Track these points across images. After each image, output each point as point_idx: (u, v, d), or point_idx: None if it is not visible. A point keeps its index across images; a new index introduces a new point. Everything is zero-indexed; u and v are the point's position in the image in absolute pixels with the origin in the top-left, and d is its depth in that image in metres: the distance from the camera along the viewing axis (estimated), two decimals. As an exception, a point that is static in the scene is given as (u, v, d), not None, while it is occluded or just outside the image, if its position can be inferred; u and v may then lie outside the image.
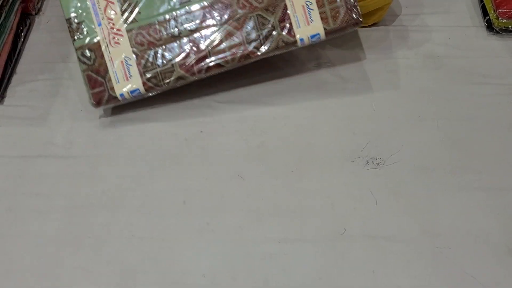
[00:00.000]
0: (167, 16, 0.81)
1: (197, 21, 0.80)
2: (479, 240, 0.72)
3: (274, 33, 0.79)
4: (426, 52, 0.93)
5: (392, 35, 0.96)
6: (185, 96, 0.89)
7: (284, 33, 0.79)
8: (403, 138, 0.82)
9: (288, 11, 0.79)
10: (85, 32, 0.82)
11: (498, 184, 0.77)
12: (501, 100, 0.86)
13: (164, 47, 0.81)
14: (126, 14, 0.81)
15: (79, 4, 0.83)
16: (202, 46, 0.80)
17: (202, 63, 0.80)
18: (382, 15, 0.94)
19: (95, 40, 0.82)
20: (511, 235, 0.72)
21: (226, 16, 0.80)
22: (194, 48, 0.80)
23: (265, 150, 0.82)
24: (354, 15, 0.79)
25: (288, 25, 0.79)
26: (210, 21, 0.80)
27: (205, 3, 0.80)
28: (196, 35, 0.80)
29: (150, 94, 0.83)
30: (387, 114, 0.85)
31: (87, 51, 0.82)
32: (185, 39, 0.81)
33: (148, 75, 0.81)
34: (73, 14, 0.82)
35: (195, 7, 0.81)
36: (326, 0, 0.79)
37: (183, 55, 0.81)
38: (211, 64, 0.80)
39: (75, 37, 0.83)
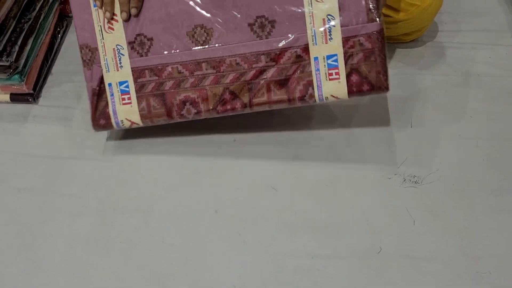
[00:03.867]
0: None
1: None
2: (521, 267, 0.69)
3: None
4: (466, 70, 0.91)
5: (431, 52, 0.94)
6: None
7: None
8: (442, 157, 0.80)
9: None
10: None
11: (541, 209, 0.74)
12: (544, 122, 0.84)
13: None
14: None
15: None
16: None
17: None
18: (422, 32, 0.93)
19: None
20: (554, 263, 0.69)
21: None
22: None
23: (299, 162, 0.80)
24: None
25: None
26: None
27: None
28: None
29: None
30: (425, 132, 0.83)
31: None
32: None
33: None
34: None
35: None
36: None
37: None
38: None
39: None
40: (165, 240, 0.73)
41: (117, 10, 0.75)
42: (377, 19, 0.69)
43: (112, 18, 0.75)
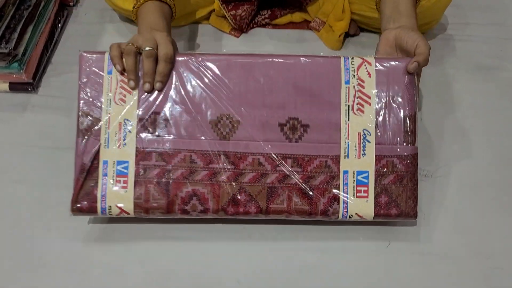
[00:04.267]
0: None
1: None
2: (534, 263, 0.67)
3: None
4: (476, 64, 0.90)
5: (440, 44, 0.92)
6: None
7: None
8: (452, 152, 0.78)
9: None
10: None
11: (553, 205, 0.72)
12: (556, 117, 0.82)
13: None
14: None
15: None
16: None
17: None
18: (432, 25, 0.91)
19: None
20: None
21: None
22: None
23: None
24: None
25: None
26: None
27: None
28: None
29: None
30: (435, 125, 0.81)
31: None
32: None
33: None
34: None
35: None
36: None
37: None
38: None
39: None
40: (167, 234, 0.71)
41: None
42: (413, 142, 0.67)
43: (134, 88, 0.66)
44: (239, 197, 0.66)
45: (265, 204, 0.66)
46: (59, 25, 0.97)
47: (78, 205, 0.66)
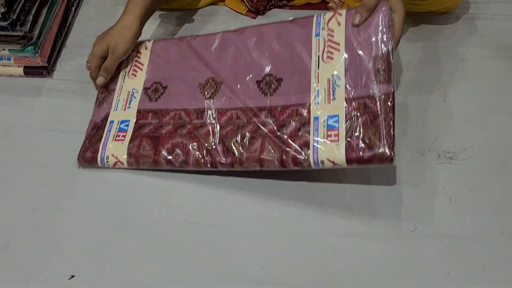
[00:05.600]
0: None
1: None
2: None
3: None
4: (500, 42, 0.87)
5: (463, 24, 0.89)
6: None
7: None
8: (478, 132, 0.76)
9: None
10: None
11: None
12: None
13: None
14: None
15: None
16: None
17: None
18: (455, 3, 0.88)
19: None
20: None
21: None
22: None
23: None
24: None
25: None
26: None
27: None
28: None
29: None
30: (459, 106, 0.79)
31: None
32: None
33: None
34: None
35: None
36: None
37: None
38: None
39: None
40: (188, 218, 0.70)
41: (145, 60, 0.81)
42: (387, 81, 0.63)
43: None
44: (217, 147, 0.70)
45: (240, 153, 0.68)
46: (73, 8, 0.96)
47: (84, 154, 0.75)
